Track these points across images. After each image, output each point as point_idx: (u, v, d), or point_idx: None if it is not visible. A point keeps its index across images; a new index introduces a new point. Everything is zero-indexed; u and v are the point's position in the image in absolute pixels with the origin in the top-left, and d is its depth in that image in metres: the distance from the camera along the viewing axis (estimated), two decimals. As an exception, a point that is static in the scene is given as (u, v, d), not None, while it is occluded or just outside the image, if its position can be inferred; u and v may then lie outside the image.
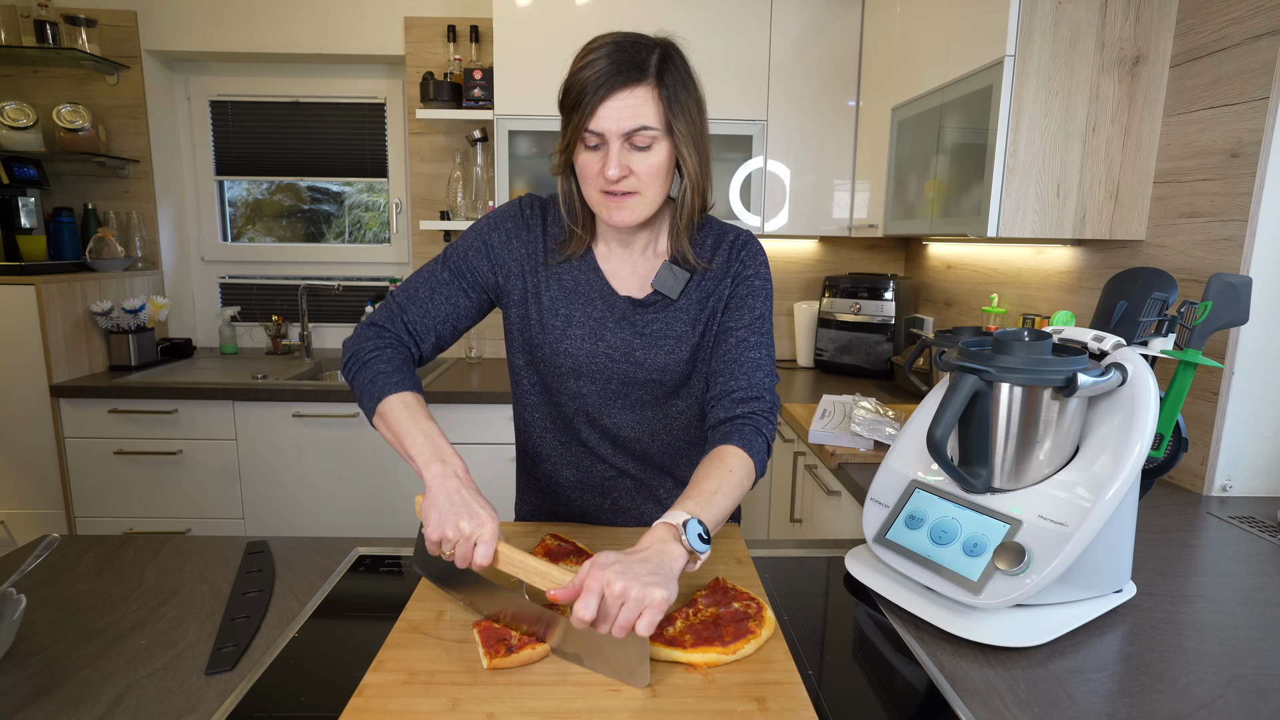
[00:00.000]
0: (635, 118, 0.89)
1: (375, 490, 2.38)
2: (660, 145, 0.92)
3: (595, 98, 0.88)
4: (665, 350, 1.03)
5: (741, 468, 0.90)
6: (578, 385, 1.06)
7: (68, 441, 2.31)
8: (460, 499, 0.80)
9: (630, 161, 0.91)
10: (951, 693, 0.74)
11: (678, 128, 0.92)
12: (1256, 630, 0.89)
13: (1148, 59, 1.51)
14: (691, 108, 0.93)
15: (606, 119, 0.89)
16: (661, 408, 1.08)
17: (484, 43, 2.66)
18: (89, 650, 0.80)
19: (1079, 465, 0.86)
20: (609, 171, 0.90)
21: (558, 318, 1.04)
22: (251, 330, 2.99)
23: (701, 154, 0.96)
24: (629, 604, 0.68)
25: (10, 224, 2.46)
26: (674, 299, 1.03)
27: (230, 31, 2.67)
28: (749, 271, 1.04)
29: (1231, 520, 1.27)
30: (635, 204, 0.94)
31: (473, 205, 2.71)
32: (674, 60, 0.93)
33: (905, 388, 2.35)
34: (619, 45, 0.90)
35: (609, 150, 0.90)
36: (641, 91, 0.89)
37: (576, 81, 0.90)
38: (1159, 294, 0.95)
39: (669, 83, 0.91)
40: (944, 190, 1.80)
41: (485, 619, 0.82)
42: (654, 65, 0.90)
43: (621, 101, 0.88)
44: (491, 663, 0.73)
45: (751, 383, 0.99)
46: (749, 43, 2.40)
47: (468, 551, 0.77)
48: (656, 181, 0.94)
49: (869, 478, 1.31)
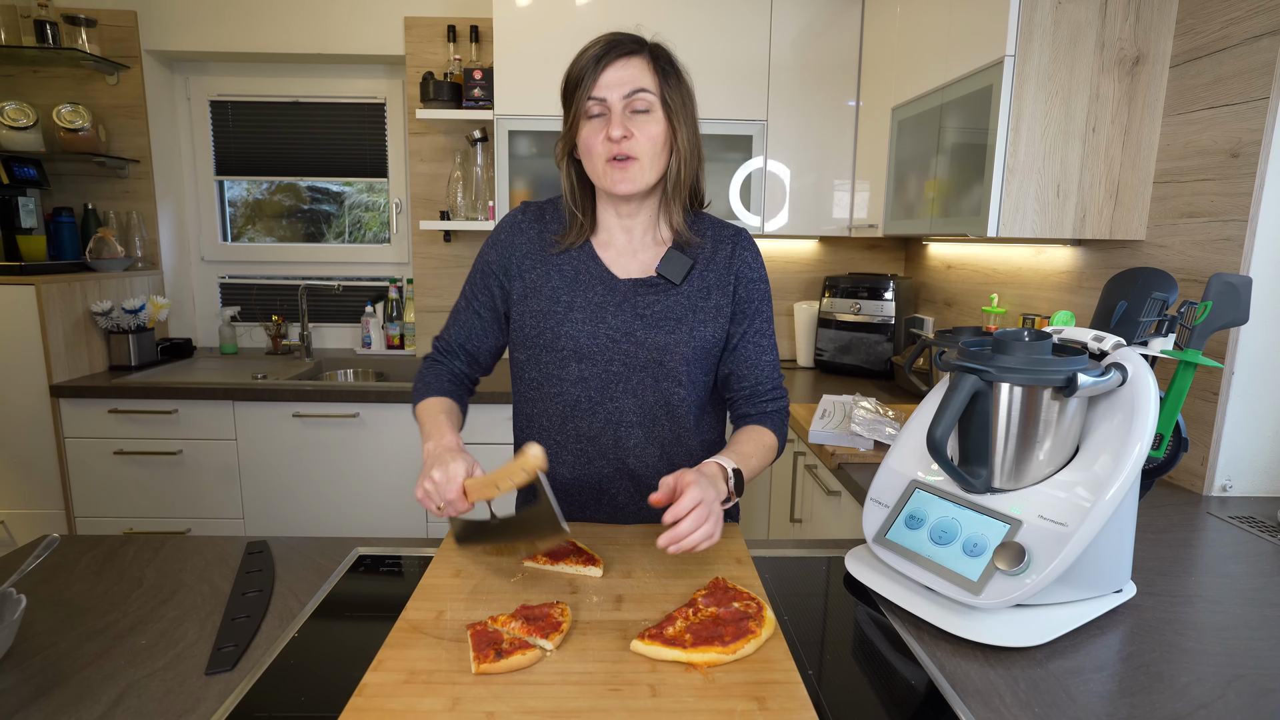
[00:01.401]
0: (634, 80, 0.99)
1: (375, 490, 2.38)
2: (657, 113, 1.01)
3: (597, 68, 0.99)
4: (666, 330, 1.07)
5: (773, 442, 1.10)
6: (580, 369, 1.08)
7: (68, 441, 2.31)
8: (435, 458, 0.93)
9: (631, 124, 1.00)
10: (951, 693, 0.74)
11: (671, 99, 1.01)
12: (1256, 630, 0.89)
13: (1148, 59, 1.51)
14: (683, 90, 1.04)
15: (607, 85, 0.99)
16: (662, 394, 1.09)
17: (484, 43, 2.67)
18: (89, 650, 0.80)
19: (1079, 465, 0.86)
20: (613, 132, 0.98)
21: (559, 304, 1.08)
22: (251, 330, 2.99)
23: (692, 131, 1.05)
24: (714, 519, 0.86)
25: (10, 224, 2.46)
26: (676, 284, 1.08)
27: (230, 31, 2.67)
28: (754, 275, 1.13)
29: (1231, 520, 1.27)
30: (635, 171, 1.02)
31: (473, 205, 2.71)
32: (665, 51, 1.04)
33: (905, 388, 2.35)
34: (614, 35, 1.02)
35: (612, 114, 0.99)
36: (638, 61, 1.01)
37: (576, 65, 1.01)
38: (1159, 294, 0.95)
39: (661, 59, 1.03)
40: (944, 190, 1.80)
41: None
42: (648, 45, 1.03)
43: (620, 68, 0.99)
44: (479, 668, 0.72)
45: (773, 383, 1.14)
46: (749, 43, 2.40)
47: (444, 493, 0.89)
48: (654, 149, 1.02)
49: (869, 478, 1.31)
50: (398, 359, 2.90)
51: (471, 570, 0.96)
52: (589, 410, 1.10)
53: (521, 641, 0.75)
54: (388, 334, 2.95)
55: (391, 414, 2.32)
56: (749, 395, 1.12)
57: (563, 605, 0.82)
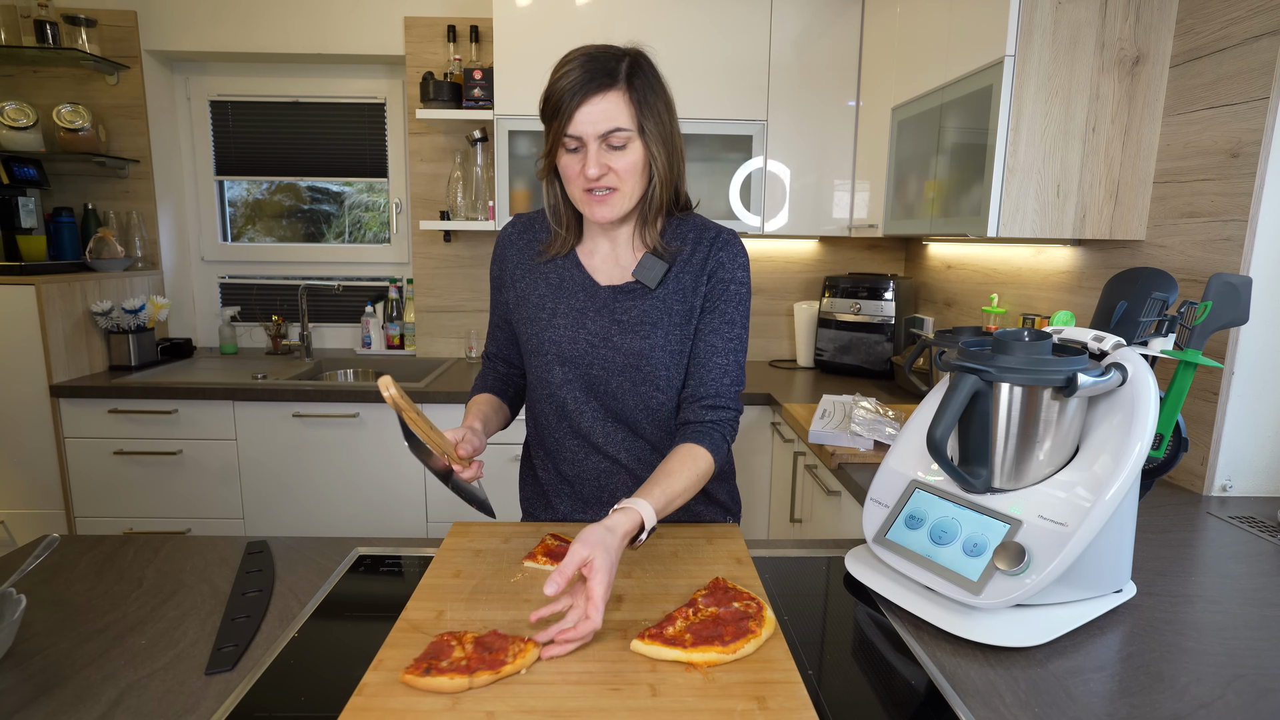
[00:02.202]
0: (609, 120, 0.97)
1: (375, 490, 2.38)
2: (634, 145, 0.99)
3: (572, 104, 0.96)
4: (641, 335, 1.08)
5: (706, 467, 1.03)
6: (564, 372, 1.11)
7: (68, 441, 2.31)
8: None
9: (608, 160, 0.99)
10: (951, 693, 0.74)
11: (648, 128, 0.99)
12: (1256, 630, 0.89)
13: (1148, 59, 1.51)
14: (660, 109, 1.01)
15: (583, 123, 0.97)
16: (641, 397, 1.11)
17: (484, 43, 2.66)
18: (89, 650, 0.80)
19: (1079, 465, 0.86)
20: (589, 171, 0.98)
21: (544, 310, 1.11)
22: (251, 330, 2.99)
23: (671, 151, 1.03)
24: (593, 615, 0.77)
25: (10, 224, 2.46)
26: (652, 288, 1.08)
27: (230, 31, 2.67)
28: (725, 274, 1.09)
29: (1231, 520, 1.27)
30: (615, 200, 1.02)
31: (472, 205, 2.71)
32: (642, 67, 1.00)
33: (905, 388, 2.35)
34: (591, 56, 0.98)
35: (588, 152, 0.98)
36: (613, 96, 0.97)
37: (554, 91, 0.98)
38: (1159, 294, 0.95)
39: (638, 86, 0.98)
40: (944, 190, 1.80)
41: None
42: (624, 71, 0.98)
43: (596, 106, 0.96)
44: (403, 676, 0.70)
45: (718, 390, 1.08)
46: (749, 43, 2.40)
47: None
48: (633, 178, 1.01)
49: (869, 478, 1.31)
50: (398, 359, 2.90)
51: (472, 570, 0.96)
52: (576, 411, 1.13)
53: (461, 667, 0.71)
54: (388, 334, 2.95)
55: (392, 414, 2.31)
56: (688, 398, 1.09)
57: (528, 648, 0.75)
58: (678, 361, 1.10)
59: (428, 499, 2.39)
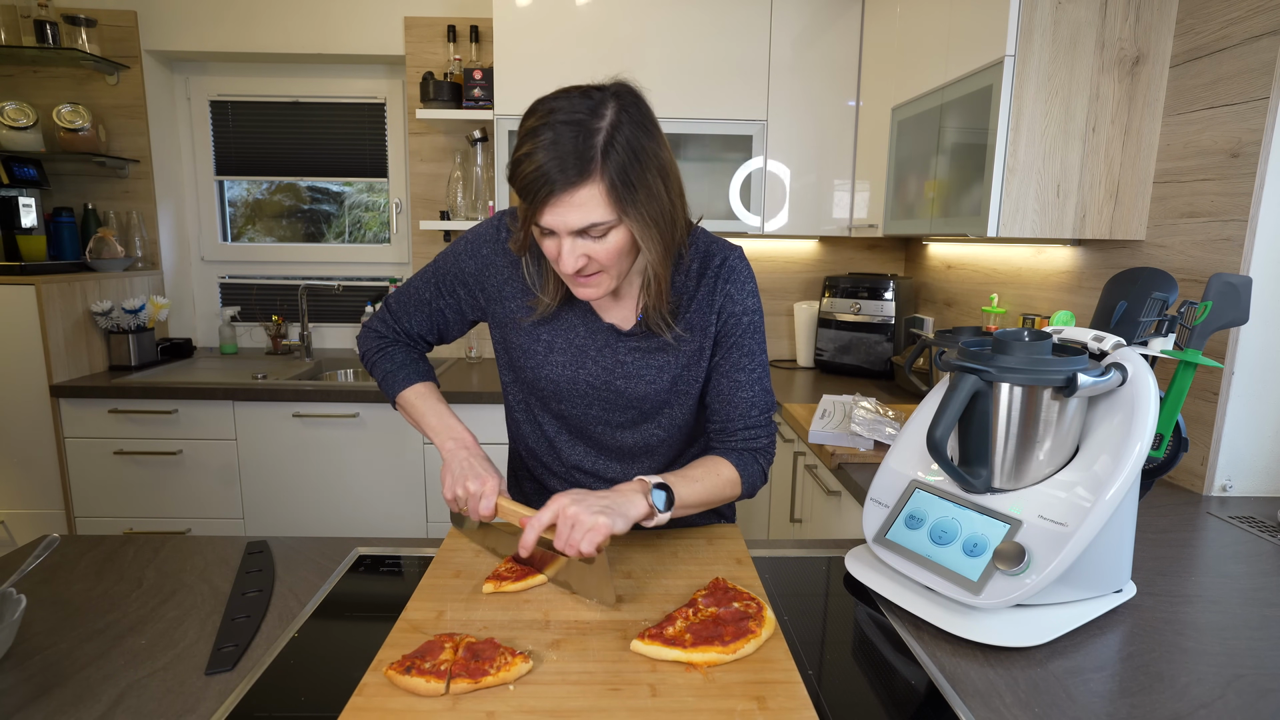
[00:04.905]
0: (584, 217, 0.84)
1: (375, 490, 2.38)
2: (616, 231, 0.87)
3: (540, 197, 0.82)
4: (647, 381, 1.03)
5: (730, 477, 1.02)
6: (560, 407, 1.08)
7: (68, 441, 2.31)
8: (469, 465, 0.96)
9: (588, 250, 0.87)
10: (951, 693, 0.74)
11: (632, 213, 0.85)
12: (1256, 630, 0.89)
13: (1148, 59, 1.51)
14: (650, 178, 0.86)
15: (554, 220, 0.84)
16: (641, 432, 1.09)
17: (484, 43, 2.66)
18: (89, 650, 0.80)
19: (1079, 465, 0.86)
20: (564, 267, 0.88)
21: (539, 343, 1.04)
22: (251, 330, 2.99)
23: (666, 223, 0.89)
24: (577, 526, 0.82)
25: (10, 224, 2.46)
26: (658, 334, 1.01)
27: (230, 31, 2.67)
28: (737, 308, 1.02)
29: (1231, 520, 1.27)
30: (601, 280, 0.92)
31: (473, 205, 2.71)
32: (622, 130, 0.83)
33: (905, 388, 2.35)
34: (558, 134, 0.81)
35: (562, 244, 0.87)
36: (586, 191, 0.82)
37: (519, 173, 0.83)
38: (1159, 294, 0.95)
39: (616, 166, 0.82)
40: (944, 190, 1.80)
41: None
42: (599, 151, 0.81)
43: (566, 204, 0.83)
44: (386, 670, 0.71)
45: (746, 422, 1.05)
46: (749, 42, 2.40)
47: (476, 506, 0.93)
48: (618, 260, 0.90)
49: (869, 478, 1.31)
50: (398, 359, 2.90)
51: (472, 570, 0.96)
52: (570, 443, 1.11)
53: (441, 671, 0.70)
54: (388, 334, 2.94)
55: (391, 414, 2.31)
56: (718, 431, 1.06)
57: (515, 662, 0.73)
58: (685, 402, 1.06)
59: (428, 499, 2.39)
